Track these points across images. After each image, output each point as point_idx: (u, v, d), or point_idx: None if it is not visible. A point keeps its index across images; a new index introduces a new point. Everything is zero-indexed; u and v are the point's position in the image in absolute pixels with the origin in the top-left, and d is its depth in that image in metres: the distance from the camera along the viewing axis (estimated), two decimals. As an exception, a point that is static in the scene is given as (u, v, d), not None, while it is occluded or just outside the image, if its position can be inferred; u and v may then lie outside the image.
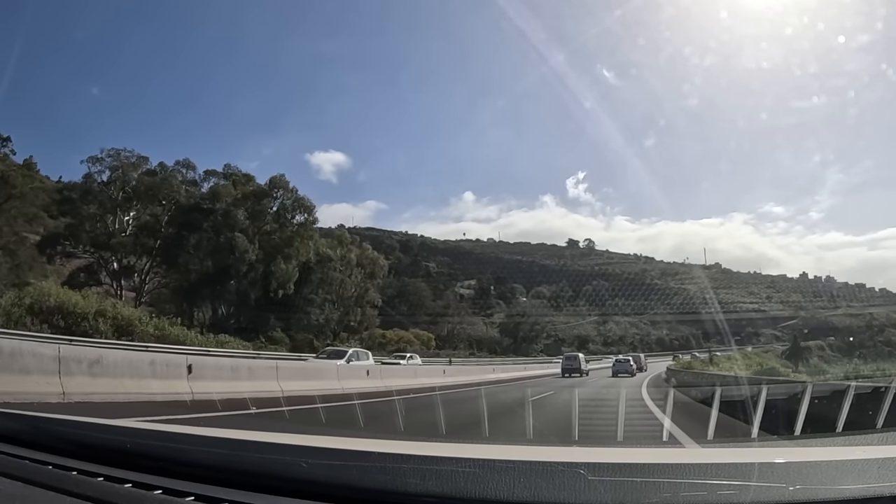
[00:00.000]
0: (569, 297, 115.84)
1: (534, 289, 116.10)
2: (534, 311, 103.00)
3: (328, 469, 1.78)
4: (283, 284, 60.79)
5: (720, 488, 1.49)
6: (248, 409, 12.04)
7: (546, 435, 9.88)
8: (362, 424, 10.75)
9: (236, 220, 59.97)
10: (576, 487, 1.51)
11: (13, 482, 2.02)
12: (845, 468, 1.60)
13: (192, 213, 60.23)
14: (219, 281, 59.48)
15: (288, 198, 65.64)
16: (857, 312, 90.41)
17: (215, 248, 58.92)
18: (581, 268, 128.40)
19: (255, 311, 60.62)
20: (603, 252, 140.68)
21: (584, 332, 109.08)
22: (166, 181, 61.75)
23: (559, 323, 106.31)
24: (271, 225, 64.78)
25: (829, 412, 8.19)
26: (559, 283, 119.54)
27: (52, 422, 2.63)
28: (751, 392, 11.71)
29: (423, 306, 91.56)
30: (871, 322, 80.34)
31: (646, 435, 10.27)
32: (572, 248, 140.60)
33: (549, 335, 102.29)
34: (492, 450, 2.30)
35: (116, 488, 1.89)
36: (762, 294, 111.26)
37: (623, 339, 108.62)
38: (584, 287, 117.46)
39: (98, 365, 12.08)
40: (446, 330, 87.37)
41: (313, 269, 65.60)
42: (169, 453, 2.09)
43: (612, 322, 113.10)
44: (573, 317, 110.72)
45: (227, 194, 61.88)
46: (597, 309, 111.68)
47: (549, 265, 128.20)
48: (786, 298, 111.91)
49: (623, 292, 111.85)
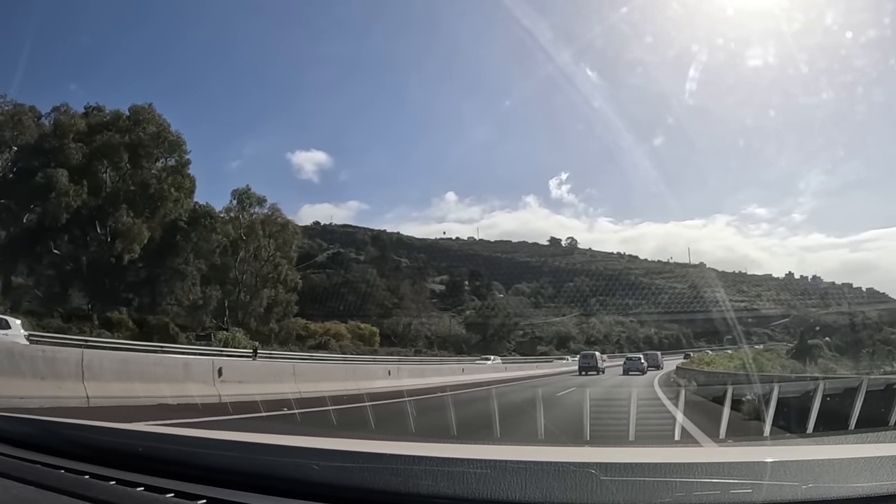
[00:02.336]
0: (550, 295, 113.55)
1: (513, 286, 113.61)
2: (511, 308, 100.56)
3: (340, 471, 1.78)
4: (130, 247, 46.96)
5: (733, 487, 1.49)
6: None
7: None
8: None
9: (68, 156, 45.44)
10: (588, 488, 1.51)
11: (25, 486, 2.03)
12: (858, 466, 1.59)
13: (32, 156, 46.49)
14: (36, 239, 46.17)
15: (148, 131, 48.80)
16: (848, 311, 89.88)
17: (30, 191, 44.83)
18: (563, 265, 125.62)
19: (85, 281, 47.45)
20: (586, 250, 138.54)
21: (565, 329, 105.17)
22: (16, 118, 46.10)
23: (538, 320, 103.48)
24: (122, 166, 48.55)
25: (841, 410, 8.14)
26: (540, 281, 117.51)
27: (64, 426, 2.65)
28: (763, 390, 11.66)
29: (374, 297, 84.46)
30: (864, 321, 79.94)
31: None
32: (554, 247, 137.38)
33: (526, 332, 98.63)
34: (503, 450, 2.30)
35: (129, 492, 1.90)
36: (751, 293, 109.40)
37: (608, 338, 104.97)
38: (565, 284, 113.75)
39: None
40: (402, 325, 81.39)
41: (184, 229, 51.69)
42: (181, 456, 2.09)
43: (595, 319, 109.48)
44: (553, 314, 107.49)
45: (72, 128, 47.12)
46: (579, 306, 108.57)
47: (529, 262, 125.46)
48: (775, 297, 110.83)
49: (607, 290, 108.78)
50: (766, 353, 59.34)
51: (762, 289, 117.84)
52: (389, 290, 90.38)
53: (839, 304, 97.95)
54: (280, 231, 60.58)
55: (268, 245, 59.10)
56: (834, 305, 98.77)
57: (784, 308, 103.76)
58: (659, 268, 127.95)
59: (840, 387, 9.68)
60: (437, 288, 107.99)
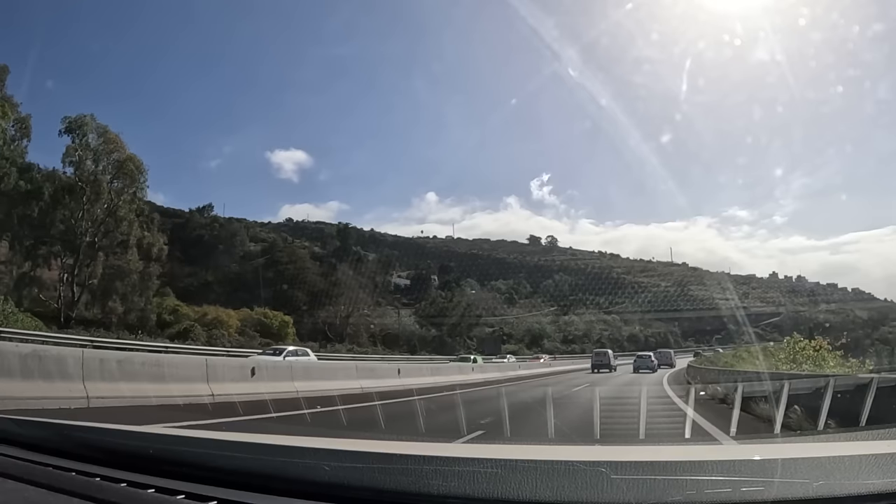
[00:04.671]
0: (527, 293, 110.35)
1: (489, 283, 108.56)
2: (481, 304, 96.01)
3: (351, 472, 1.78)
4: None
5: (744, 485, 1.49)
6: None
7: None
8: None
9: None
10: (598, 486, 1.51)
11: (38, 489, 2.04)
12: (869, 463, 1.58)
13: None
14: None
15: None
16: (838, 310, 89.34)
17: None
18: (542, 262, 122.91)
19: None
20: (566, 248, 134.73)
21: (539, 326, 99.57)
22: None
23: (510, 317, 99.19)
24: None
25: (851, 407, 8.11)
26: (516, 278, 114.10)
27: (75, 428, 2.66)
28: (773, 387, 11.62)
29: (306, 282, 76.93)
30: (855, 320, 79.56)
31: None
32: (534, 245, 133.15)
33: (493, 328, 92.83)
34: (514, 450, 2.30)
35: (140, 493, 1.91)
36: (738, 291, 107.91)
37: (588, 335, 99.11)
38: (544, 282, 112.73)
39: None
40: (339, 318, 72.08)
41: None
42: (192, 458, 2.10)
43: (574, 316, 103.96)
44: (527, 311, 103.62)
45: None
46: (557, 304, 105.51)
47: (506, 259, 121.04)
48: (763, 295, 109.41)
49: (588, 287, 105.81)
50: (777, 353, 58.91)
51: (748, 287, 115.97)
52: (323, 275, 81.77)
53: (828, 303, 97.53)
54: (121, 173, 46.73)
55: (109, 195, 46.51)
56: (823, 304, 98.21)
57: (773, 307, 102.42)
58: (642, 266, 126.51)
59: (851, 384, 9.65)
60: (402, 283, 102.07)
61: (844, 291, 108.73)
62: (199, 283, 77.82)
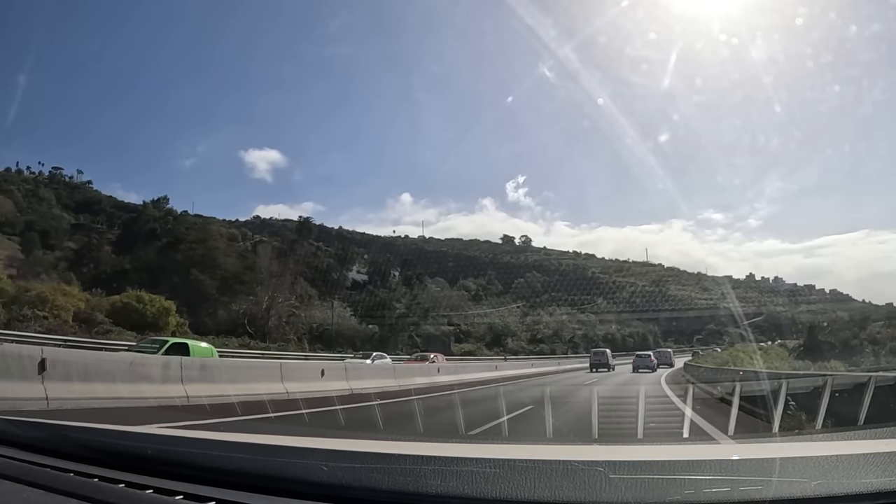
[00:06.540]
0: (497, 292, 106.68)
1: (459, 282, 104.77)
2: (447, 302, 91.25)
3: (349, 472, 1.78)
4: None
5: (742, 484, 1.49)
6: None
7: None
8: None
9: None
10: (597, 486, 1.51)
11: (35, 490, 2.04)
12: (867, 462, 1.58)
13: None
14: None
15: None
16: (819, 311, 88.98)
17: None
18: (515, 261, 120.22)
19: None
20: (540, 248, 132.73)
21: (502, 323, 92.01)
22: None
23: (472, 314, 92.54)
24: None
25: (850, 406, 8.12)
26: (487, 276, 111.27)
27: (73, 429, 2.65)
28: (771, 387, 11.63)
29: (218, 266, 69.67)
30: (837, 320, 79.37)
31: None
32: (507, 244, 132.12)
33: (453, 325, 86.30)
34: (512, 449, 2.30)
35: (138, 494, 1.90)
36: (716, 291, 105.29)
37: (559, 335, 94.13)
38: (516, 280, 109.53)
39: None
40: (259, 312, 62.96)
41: None
42: (190, 459, 2.10)
43: (544, 314, 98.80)
44: (493, 308, 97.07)
45: None
46: (527, 302, 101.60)
47: (477, 257, 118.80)
48: (743, 295, 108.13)
49: (561, 286, 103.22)
50: (772, 353, 59.01)
51: (726, 288, 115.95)
52: (241, 258, 74.13)
53: (808, 304, 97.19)
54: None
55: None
56: (804, 305, 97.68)
57: (754, 307, 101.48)
58: (618, 266, 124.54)
59: (849, 383, 9.66)
60: (361, 279, 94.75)
61: (822, 293, 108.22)
62: (112, 270, 70.29)
